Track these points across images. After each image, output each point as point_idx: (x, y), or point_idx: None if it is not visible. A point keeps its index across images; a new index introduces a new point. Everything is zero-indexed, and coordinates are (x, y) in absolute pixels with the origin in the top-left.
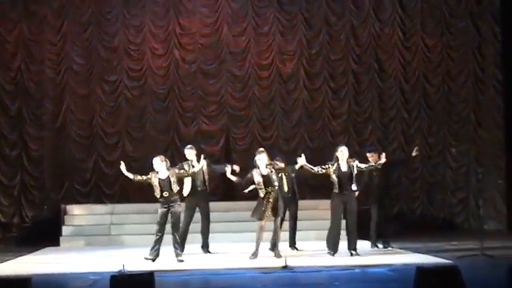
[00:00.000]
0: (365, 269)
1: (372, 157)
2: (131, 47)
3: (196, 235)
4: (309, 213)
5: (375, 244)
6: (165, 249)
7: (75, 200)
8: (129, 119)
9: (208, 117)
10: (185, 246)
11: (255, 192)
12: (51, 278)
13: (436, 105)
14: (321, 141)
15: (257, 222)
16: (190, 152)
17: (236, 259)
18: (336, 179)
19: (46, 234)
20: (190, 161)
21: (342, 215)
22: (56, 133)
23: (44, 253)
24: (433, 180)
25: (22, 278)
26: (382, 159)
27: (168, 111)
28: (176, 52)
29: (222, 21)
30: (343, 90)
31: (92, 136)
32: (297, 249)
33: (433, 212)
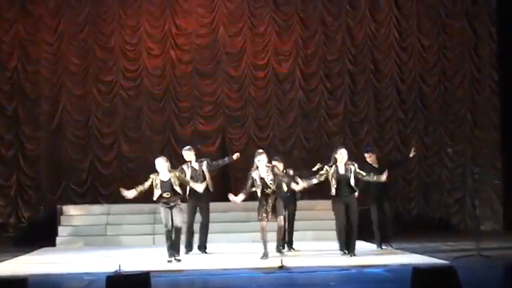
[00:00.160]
0: (361, 269)
1: (370, 157)
2: (127, 47)
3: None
4: (305, 213)
5: (380, 245)
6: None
7: (71, 200)
8: (125, 120)
9: (204, 118)
10: (192, 246)
11: (254, 193)
12: (47, 278)
13: (432, 106)
14: (317, 141)
15: (258, 223)
16: (188, 153)
17: (232, 259)
18: (334, 181)
19: (42, 234)
20: (189, 163)
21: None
22: (52, 133)
23: (40, 253)
24: (430, 181)
25: (18, 278)
26: (383, 177)
27: (164, 111)
28: (172, 52)
29: (218, 21)
30: (339, 90)
31: (88, 136)
32: (293, 249)
33: (430, 212)
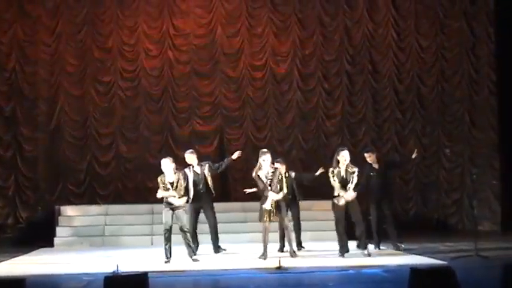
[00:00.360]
0: (359, 270)
1: (370, 157)
2: (125, 47)
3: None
4: (303, 214)
5: (378, 245)
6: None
7: (69, 200)
8: (123, 120)
9: (202, 118)
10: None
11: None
12: (45, 278)
13: (430, 106)
14: (314, 142)
15: (256, 223)
16: (191, 156)
17: (230, 260)
18: (337, 183)
19: (40, 235)
20: (191, 166)
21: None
22: (50, 134)
23: (38, 254)
24: (427, 181)
25: (16, 278)
26: (346, 198)
27: (162, 112)
28: (170, 53)
29: (216, 22)
30: (337, 91)
31: (86, 137)
32: (303, 248)
33: (428, 212)
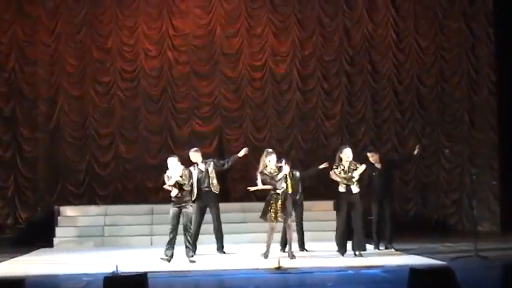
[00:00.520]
0: (358, 270)
1: (372, 157)
2: (125, 48)
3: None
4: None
5: (377, 246)
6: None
7: (69, 201)
8: (122, 120)
9: (201, 119)
10: (197, 247)
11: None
12: (45, 279)
13: (430, 106)
14: (314, 142)
15: (267, 224)
16: (195, 154)
17: (230, 260)
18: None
19: (40, 235)
20: (196, 164)
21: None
22: (49, 134)
23: (37, 254)
24: (427, 181)
25: (16, 279)
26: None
27: (161, 112)
28: (169, 53)
29: (215, 22)
30: (337, 91)
31: (85, 137)
32: (306, 250)
33: (427, 213)
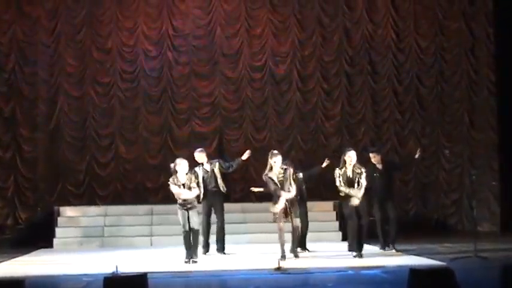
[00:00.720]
0: (358, 270)
1: (374, 157)
2: (124, 48)
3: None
4: None
5: (383, 247)
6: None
7: (69, 201)
8: (122, 121)
9: (201, 119)
10: (209, 246)
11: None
12: (45, 279)
13: (430, 107)
14: (314, 142)
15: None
16: (200, 155)
17: (229, 261)
18: (343, 183)
19: (39, 235)
20: (201, 165)
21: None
22: (49, 135)
23: (37, 255)
24: (427, 182)
25: (16, 279)
26: (354, 202)
27: (161, 112)
28: (169, 54)
29: (215, 23)
30: (336, 91)
31: (85, 138)
32: (308, 251)
33: (427, 213)
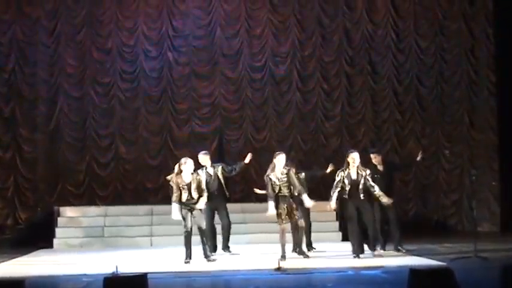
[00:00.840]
0: (358, 271)
1: (375, 158)
2: (124, 48)
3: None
4: None
5: (384, 247)
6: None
7: (69, 201)
8: (122, 121)
9: (201, 119)
10: (216, 247)
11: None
12: (44, 280)
13: (430, 107)
14: (314, 142)
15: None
16: (204, 157)
17: (229, 261)
18: (348, 185)
19: (39, 236)
20: (204, 168)
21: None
22: (49, 135)
23: (37, 255)
24: (427, 182)
25: (16, 280)
26: (388, 200)
27: (161, 113)
28: (169, 54)
29: (215, 23)
30: (336, 92)
31: (85, 138)
32: (314, 249)
33: (427, 213)
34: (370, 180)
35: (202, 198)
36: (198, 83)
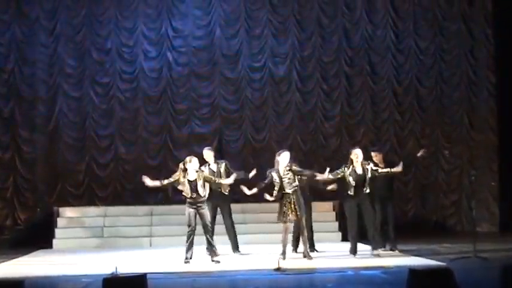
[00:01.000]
0: (358, 271)
1: (376, 157)
2: (124, 49)
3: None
4: None
5: (383, 246)
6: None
7: (68, 202)
8: (121, 121)
9: (201, 120)
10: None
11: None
12: (44, 280)
13: (429, 108)
14: (313, 143)
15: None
16: (208, 153)
17: (229, 261)
18: (352, 182)
19: (39, 236)
20: (207, 164)
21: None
22: (48, 135)
23: (36, 255)
24: (426, 182)
25: (15, 280)
26: (399, 168)
27: (160, 113)
28: (169, 54)
29: (214, 23)
30: (336, 92)
31: (85, 138)
32: (316, 251)
33: (426, 214)
34: (373, 166)
35: (223, 180)
36: (197, 84)
